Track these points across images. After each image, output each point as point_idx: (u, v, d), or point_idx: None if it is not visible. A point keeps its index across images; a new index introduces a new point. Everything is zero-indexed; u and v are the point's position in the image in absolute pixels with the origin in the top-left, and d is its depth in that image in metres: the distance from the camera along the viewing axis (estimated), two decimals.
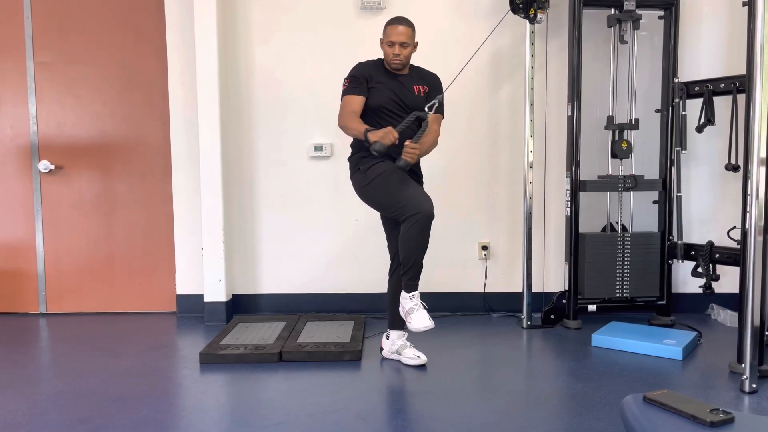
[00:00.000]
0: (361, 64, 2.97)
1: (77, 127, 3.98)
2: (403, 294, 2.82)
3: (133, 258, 4.04)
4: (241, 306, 3.98)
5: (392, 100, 2.89)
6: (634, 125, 3.62)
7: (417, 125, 2.84)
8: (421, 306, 2.79)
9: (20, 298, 4.06)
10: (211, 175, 3.77)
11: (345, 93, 2.91)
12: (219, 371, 2.93)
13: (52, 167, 3.97)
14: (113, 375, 2.89)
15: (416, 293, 2.80)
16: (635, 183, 3.58)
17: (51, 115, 3.97)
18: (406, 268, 2.77)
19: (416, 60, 3.08)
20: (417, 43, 2.97)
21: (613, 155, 3.62)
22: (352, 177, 2.98)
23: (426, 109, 2.85)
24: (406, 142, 2.73)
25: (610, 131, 3.63)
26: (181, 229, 3.96)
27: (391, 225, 3.02)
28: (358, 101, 2.87)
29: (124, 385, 2.75)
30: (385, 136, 2.65)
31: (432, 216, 2.71)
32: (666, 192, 3.65)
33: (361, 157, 2.91)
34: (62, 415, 2.42)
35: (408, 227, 2.70)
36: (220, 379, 2.84)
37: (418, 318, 2.76)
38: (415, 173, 2.99)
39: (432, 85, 3.00)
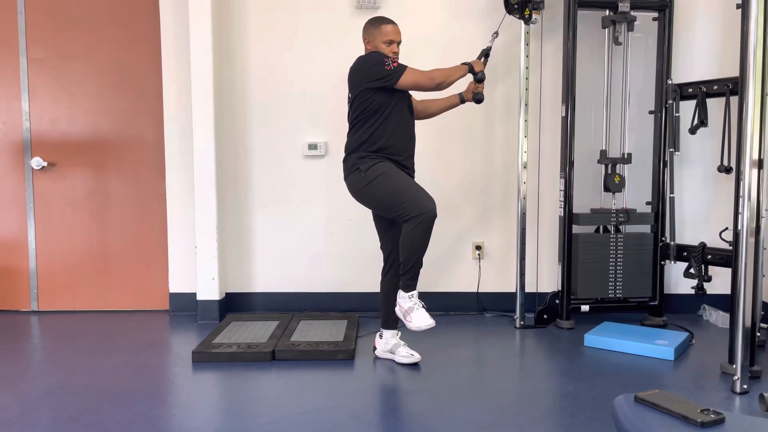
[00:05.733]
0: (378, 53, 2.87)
1: (70, 123, 3.96)
2: (401, 293, 2.81)
3: (126, 256, 4.02)
4: (234, 304, 3.97)
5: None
6: (626, 159, 3.65)
7: None
8: (421, 305, 2.80)
9: (12, 295, 4.04)
10: (205, 173, 3.76)
11: (401, 65, 2.79)
12: (211, 370, 2.93)
13: (45, 164, 3.95)
14: (105, 373, 2.88)
15: (414, 293, 2.81)
16: (627, 217, 3.63)
17: (44, 112, 3.95)
18: (406, 268, 2.76)
19: (412, 59, 3.08)
20: None
21: (606, 189, 3.65)
22: (347, 178, 2.93)
23: (487, 46, 3.18)
24: (471, 82, 3.06)
25: (603, 165, 3.66)
26: (174, 227, 3.95)
27: (385, 225, 3.01)
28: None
29: (116, 383, 2.74)
30: (480, 65, 3.00)
31: (435, 216, 2.72)
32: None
33: (360, 157, 2.87)
34: (54, 413, 2.41)
35: (411, 228, 2.70)
36: (212, 377, 2.84)
37: (419, 317, 2.76)
38: (408, 168, 2.98)
39: None
